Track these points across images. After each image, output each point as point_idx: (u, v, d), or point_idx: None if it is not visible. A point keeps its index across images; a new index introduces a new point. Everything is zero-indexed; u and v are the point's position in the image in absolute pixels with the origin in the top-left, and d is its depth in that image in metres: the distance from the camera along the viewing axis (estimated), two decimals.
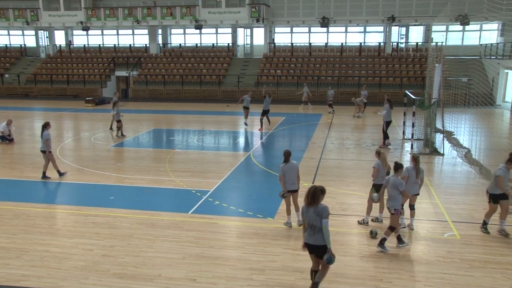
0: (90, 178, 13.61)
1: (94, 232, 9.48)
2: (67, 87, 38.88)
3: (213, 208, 10.99)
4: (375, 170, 9.66)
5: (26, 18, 41.21)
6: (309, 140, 19.63)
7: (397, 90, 33.09)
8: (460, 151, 16.63)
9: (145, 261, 8.18)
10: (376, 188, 9.68)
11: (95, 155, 16.78)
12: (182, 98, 36.58)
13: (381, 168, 9.65)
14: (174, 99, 36.22)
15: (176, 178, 13.55)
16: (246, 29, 41.56)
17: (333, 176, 13.73)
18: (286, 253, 8.51)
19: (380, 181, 9.60)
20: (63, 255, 8.41)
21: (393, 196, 8.59)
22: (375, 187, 9.72)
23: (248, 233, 9.44)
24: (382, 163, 9.70)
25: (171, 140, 20.19)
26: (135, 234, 9.35)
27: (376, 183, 9.71)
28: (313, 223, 6.66)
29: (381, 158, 9.75)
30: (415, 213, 9.74)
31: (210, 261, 8.18)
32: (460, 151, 16.60)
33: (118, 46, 43.23)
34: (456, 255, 8.43)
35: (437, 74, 17.65)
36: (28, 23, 41.23)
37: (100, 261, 8.17)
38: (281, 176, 9.51)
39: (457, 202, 11.44)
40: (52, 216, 10.56)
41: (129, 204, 11.23)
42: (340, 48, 38.55)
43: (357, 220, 10.02)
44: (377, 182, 9.70)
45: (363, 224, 9.78)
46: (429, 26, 37.82)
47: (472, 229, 9.67)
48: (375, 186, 9.73)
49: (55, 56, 42.74)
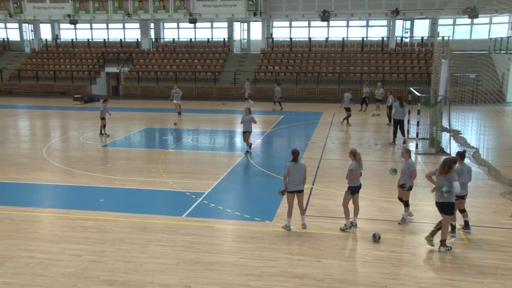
0: (79, 180, 13.57)
1: (83, 236, 9.44)
2: (53, 84, 38.77)
3: (208, 211, 10.97)
4: (353, 172, 9.54)
5: (8, 10, 41.02)
6: (308, 139, 19.64)
7: (401, 87, 33.12)
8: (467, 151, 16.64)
9: (136, 267, 8.15)
10: (351, 190, 9.64)
11: (84, 156, 16.73)
12: None
13: (358, 169, 9.57)
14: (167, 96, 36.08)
15: (169, 180, 13.52)
16: (243, 23, 41.52)
17: (334, 177, 13.73)
18: (285, 258, 8.50)
19: (357, 183, 9.61)
20: (49, 261, 8.37)
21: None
22: (350, 190, 9.66)
23: (245, 237, 9.43)
24: (359, 164, 9.59)
25: (164, 139, 20.15)
26: (126, 239, 9.33)
27: (352, 185, 9.64)
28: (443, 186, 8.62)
29: (357, 159, 9.61)
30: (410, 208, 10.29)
31: (205, 266, 8.16)
32: (468, 151, 16.62)
33: (108, 40, 43.12)
34: (464, 261, 8.43)
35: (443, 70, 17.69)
36: (11, 15, 41.07)
37: (89, 267, 8.14)
38: (286, 174, 9.59)
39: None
40: (38, 220, 10.51)
41: (119, 207, 11.20)
42: (341, 43, 38.56)
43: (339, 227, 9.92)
44: (354, 184, 9.63)
45: (346, 230, 9.70)
46: (435, 19, 37.85)
47: (480, 233, 9.68)
48: (351, 188, 9.66)
49: (41, 51, 42.62)
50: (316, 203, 11.51)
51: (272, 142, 19.52)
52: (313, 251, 8.76)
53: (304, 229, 9.78)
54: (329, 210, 11.00)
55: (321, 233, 9.63)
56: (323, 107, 29.80)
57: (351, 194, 9.67)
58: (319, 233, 9.65)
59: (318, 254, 8.63)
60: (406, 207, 10.11)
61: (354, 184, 9.63)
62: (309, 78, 35.67)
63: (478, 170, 14.53)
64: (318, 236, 9.47)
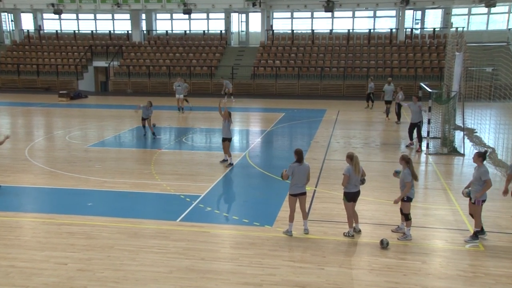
0: (65, 182, 13.55)
1: (69, 243, 9.43)
2: (37, 79, 38.74)
3: (204, 215, 10.96)
4: (345, 177, 9.49)
5: None
6: (311, 138, 19.65)
7: (411, 83, 33.15)
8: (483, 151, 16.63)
9: (127, 275, 8.14)
10: (347, 197, 9.59)
11: (70, 156, 16.72)
12: (169, 92, 36.42)
13: (352, 174, 9.47)
14: (160, 93, 36.16)
15: (162, 182, 13.52)
16: (241, 14, 41.53)
17: (338, 179, 13.56)
18: (286, 265, 8.49)
19: (352, 189, 9.53)
20: (32, 270, 8.35)
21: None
22: (346, 196, 9.61)
23: (244, 243, 9.43)
24: (354, 168, 9.46)
25: (157, 139, 20.14)
26: (115, 245, 9.32)
27: (348, 191, 9.57)
28: None
29: (353, 163, 9.49)
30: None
31: (200, 274, 8.15)
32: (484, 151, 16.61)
33: (96, 32, 43.09)
34: (480, 269, 8.42)
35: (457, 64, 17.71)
36: None
37: (75, 276, 8.12)
38: (289, 175, 9.64)
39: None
40: (19, 225, 10.49)
41: (109, 211, 11.19)
42: (347, 35, 38.57)
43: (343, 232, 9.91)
44: (348, 190, 9.56)
45: (349, 237, 9.71)
46: (448, 9, 37.90)
47: (498, 239, 9.68)
48: (346, 195, 9.60)
49: (23, 43, 42.58)
50: (319, 206, 11.51)
51: (273, 142, 19.52)
52: (316, 258, 8.75)
53: (307, 235, 9.78)
54: (333, 214, 10.99)
55: (325, 239, 9.62)
56: (326, 104, 29.81)
57: (346, 201, 9.63)
58: (323, 238, 9.65)
59: (322, 262, 8.62)
60: (407, 221, 9.65)
61: (348, 190, 9.56)
62: (312, 73, 35.66)
63: (495, 171, 14.53)
64: (321, 242, 9.47)
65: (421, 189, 12.89)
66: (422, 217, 10.83)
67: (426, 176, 14.50)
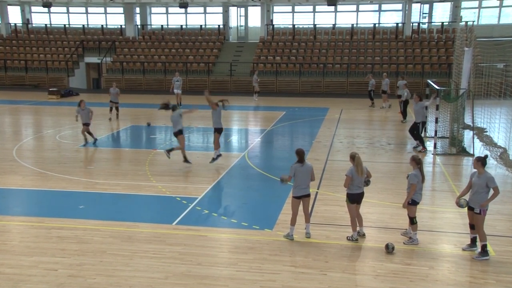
0: (55, 184, 13.54)
1: (59, 248, 9.42)
2: (25, 75, 38.73)
3: (202, 219, 10.97)
4: (347, 178, 9.54)
5: None
6: (313, 138, 19.65)
7: (417, 80, 33.19)
8: (494, 151, 16.66)
9: (120, 281, 8.14)
10: (350, 198, 9.62)
11: (60, 157, 16.72)
12: (165, 90, 36.42)
13: (355, 175, 9.50)
14: (155, 90, 36.17)
15: (157, 183, 13.52)
16: (240, 8, 41.56)
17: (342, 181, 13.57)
18: (287, 271, 8.50)
19: (355, 190, 9.57)
20: (19, 276, 8.33)
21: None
22: (348, 198, 9.64)
23: (242, 248, 9.43)
24: (357, 169, 9.48)
25: (152, 138, 20.14)
26: (108, 250, 9.31)
27: (351, 193, 9.61)
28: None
29: (355, 163, 9.50)
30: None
31: (197, 280, 8.16)
32: (494, 151, 16.64)
33: (87, 27, 43.13)
34: (491, 276, 8.43)
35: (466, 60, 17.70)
36: None
37: (65, 282, 8.12)
38: (291, 177, 9.66)
39: (491, 211, 11.37)
40: (6, 230, 10.48)
41: (101, 214, 11.19)
42: (350, 30, 38.61)
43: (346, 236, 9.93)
44: (351, 191, 9.60)
45: (352, 241, 9.73)
46: (457, 2, 37.92)
47: (509, 244, 9.68)
48: (349, 196, 9.63)
49: (9, 38, 42.55)
50: (321, 209, 11.52)
51: (273, 142, 19.52)
52: (318, 263, 8.76)
53: (309, 239, 9.78)
54: (336, 217, 11.00)
55: (328, 243, 9.63)
56: (329, 102, 29.82)
57: (349, 202, 9.65)
58: (325, 243, 9.66)
59: (324, 267, 8.63)
60: (412, 225, 9.61)
61: (350, 191, 9.60)
62: (314, 70, 35.67)
63: (506, 173, 14.54)
64: (324, 247, 9.47)
65: (428, 191, 12.88)
66: (430, 220, 10.84)
67: (433, 178, 14.50)
